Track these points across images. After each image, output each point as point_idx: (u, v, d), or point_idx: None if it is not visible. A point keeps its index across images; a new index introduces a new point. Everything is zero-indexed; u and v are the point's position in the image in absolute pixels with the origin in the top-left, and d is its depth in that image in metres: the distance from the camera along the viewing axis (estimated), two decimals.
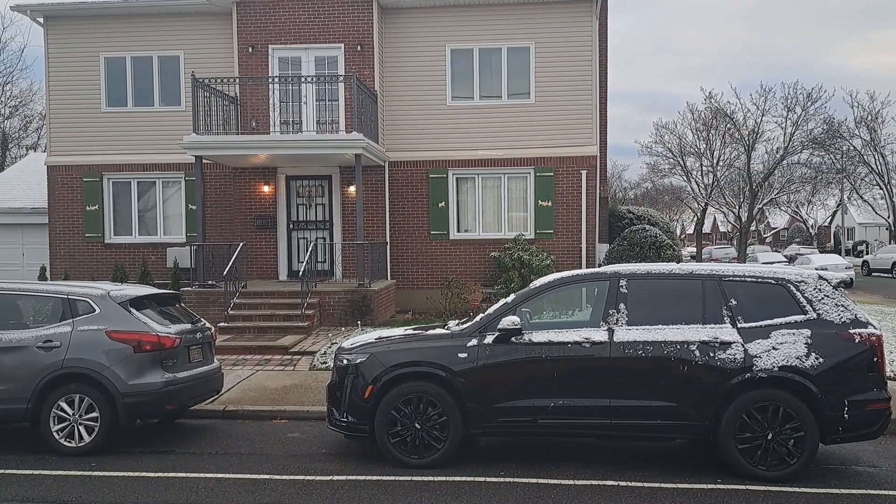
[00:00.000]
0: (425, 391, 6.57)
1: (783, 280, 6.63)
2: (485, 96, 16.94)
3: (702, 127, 48.36)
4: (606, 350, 6.46)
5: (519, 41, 16.80)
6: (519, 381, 6.54)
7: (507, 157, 16.82)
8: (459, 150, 16.86)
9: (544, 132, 16.73)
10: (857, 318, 6.45)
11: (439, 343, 6.77)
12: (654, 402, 6.41)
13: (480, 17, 16.82)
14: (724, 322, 6.48)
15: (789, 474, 6.19)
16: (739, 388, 6.29)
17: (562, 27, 16.73)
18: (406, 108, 16.91)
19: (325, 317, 14.07)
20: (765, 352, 6.30)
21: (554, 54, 16.72)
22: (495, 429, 6.62)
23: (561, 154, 16.72)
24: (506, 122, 16.83)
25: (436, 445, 6.53)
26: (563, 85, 16.70)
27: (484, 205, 17.15)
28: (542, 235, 16.76)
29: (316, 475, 6.32)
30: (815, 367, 6.24)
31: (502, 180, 17.06)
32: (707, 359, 6.34)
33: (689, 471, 6.50)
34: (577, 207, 16.73)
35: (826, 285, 6.60)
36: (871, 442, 7.70)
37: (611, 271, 6.91)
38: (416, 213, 16.97)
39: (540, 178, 16.82)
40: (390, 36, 16.87)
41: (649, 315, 6.59)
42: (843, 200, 59.32)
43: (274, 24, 16.43)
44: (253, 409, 8.96)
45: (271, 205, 16.66)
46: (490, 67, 16.92)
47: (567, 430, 6.62)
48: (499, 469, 6.49)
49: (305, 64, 16.55)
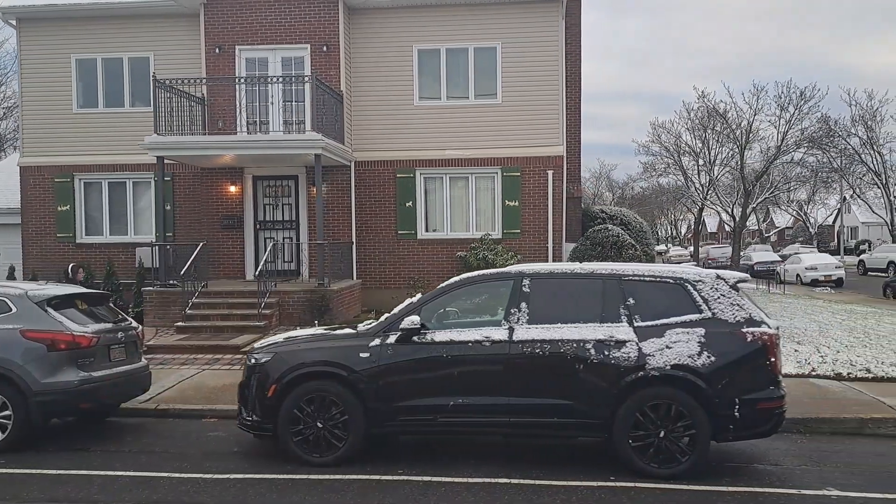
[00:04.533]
0: (327, 390, 6.64)
1: (681, 280, 6.66)
2: (452, 96, 16.99)
3: (698, 126, 48.28)
4: (506, 349, 6.51)
5: (486, 41, 16.83)
6: (420, 380, 6.60)
7: (475, 157, 16.87)
8: (427, 150, 16.91)
9: (511, 132, 16.76)
10: (751, 317, 6.47)
11: (343, 343, 6.84)
12: (552, 401, 6.46)
13: (447, 18, 16.87)
14: (621, 321, 6.52)
15: (681, 472, 6.23)
16: (633, 387, 6.33)
17: (528, 27, 16.75)
18: (373, 109, 16.97)
19: (285, 316, 14.16)
20: (658, 350, 6.34)
21: (521, 54, 16.74)
22: (397, 427, 6.68)
23: (528, 154, 16.75)
24: (473, 122, 16.87)
25: (337, 444, 6.61)
26: (530, 85, 16.72)
27: (452, 204, 17.19)
28: (510, 235, 16.80)
29: (214, 473, 6.40)
30: (706, 365, 6.27)
31: (470, 180, 17.10)
32: (602, 357, 6.39)
33: (586, 468, 6.54)
34: (543, 207, 16.76)
35: (723, 285, 6.62)
36: (786, 440, 7.77)
37: (515, 271, 6.97)
38: (383, 212, 17.03)
39: (507, 177, 16.85)
40: (358, 36, 16.95)
41: (550, 314, 6.64)
42: (843, 199, 58.95)
43: (241, 25, 16.54)
44: (186, 407, 9.05)
45: (238, 205, 16.77)
46: (457, 67, 16.97)
47: (467, 428, 6.67)
48: (399, 467, 6.55)
49: (272, 65, 16.65)
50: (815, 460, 7.03)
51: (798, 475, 6.54)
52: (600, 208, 20.38)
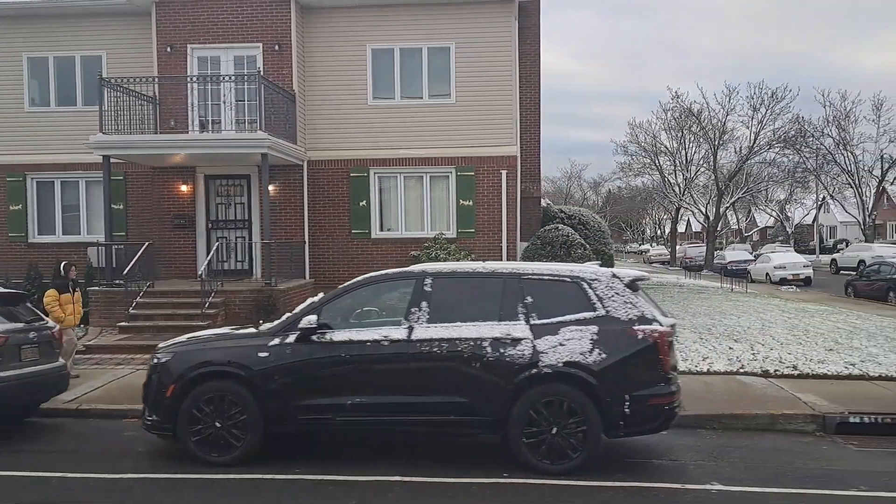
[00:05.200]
0: (226, 390, 6.65)
1: (578, 278, 6.72)
2: (406, 96, 17.01)
3: (674, 126, 48.56)
4: (405, 347, 6.55)
5: (440, 41, 16.87)
6: (319, 380, 6.62)
7: (429, 157, 16.90)
8: (381, 150, 16.93)
9: (465, 132, 16.81)
10: (643, 315, 6.54)
11: (243, 343, 6.85)
12: (449, 399, 6.50)
13: (401, 17, 16.89)
14: (518, 319, 6.57)
15: (572, 468, 6.28)
16: (527, 384, 6.38)
17: (482, 28, 16.80)
18: (327, 108, 16.97)
19: (231, 316, 14.12)
20: (552, 347, 6.40)
21: (474, 55, 16.79)
22: (296, 427, 6.70)
23: (481, 154, 16.80)
24: (427, 122, 16.90)
25: (235, 444, 6.61)
26: (484, 85, 16.77)
27: (406, 204, 17.22)
28: (464, 234, 16.85)
29: (108, 473, 6.40)
30: (598, 362, 6.33)
31: (424, 179, 17.13)
32: (498, 355, 6.44)
33: (483, 465, 6.58)
34: (497, 206, 16.81)
35: (618, 283, 6.69)
36: (697, 436, 7.86)
37: (418, 270, 7.01)
38: (337, 212, 17.04)
39: (461, 177, 16.90)
40: (312, 35, 16.93)
41: (451, 313, 6.68)
42: (819, 199, 59.44)
43: (193, 23, 16.48)
44: (109, 407, 9.02)
45: (190, 204, 16.72)
46: (411, 67, 16.99)
47: (366, 426, 6.70)
48: (297, 466, 6.57)
49: (225, 63, 16.61)
50: (715, 456, 7.12)
51: (690, 470, 6.61)
52: (560, 208, 20.48)
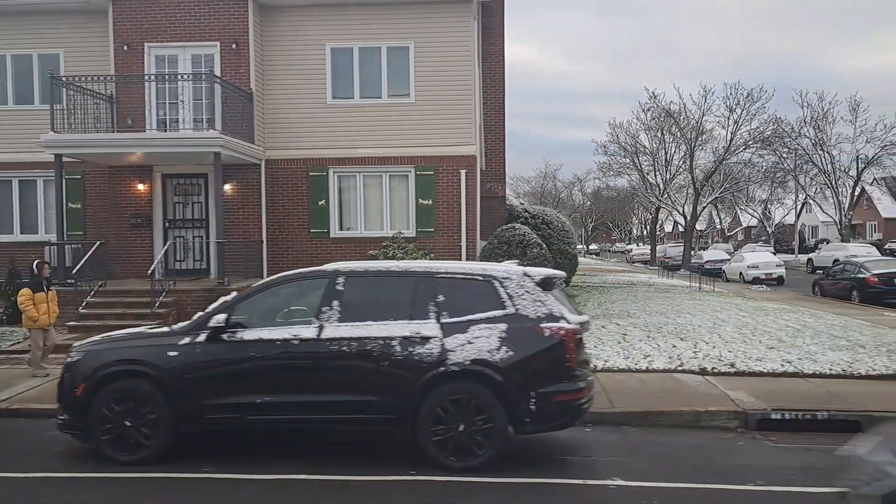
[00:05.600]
0: (136, 389, 6.64)
1: (490, 277, 6.76)
2: (365, 95, 17.01)
3: (653, 126, 48.79)
4: (314, 346, 6.56)
5: (399, 41, 16.88)
6: (228, 379, 6.62)
7: (388, 156, 16.91)
8: (340, 149, 16.92)
9: (424, 131, 16.83)
10: (551, 313, 6.59)
11: (154, 342, 6.85)
12: (359, 397, 6.52)
13: (360, 17, 16.89)
14: (429, 317, 6.60)
15: (478, 465, 6.31)
16: (435, 382, 6.41)
17: (441, 28, 16.83)
18: (286, 107, 16.95)
19: (183, 315, 13.98)
20: (460, 346, 6.43)
21: (433, 54, 16.81)
22: (206, 426, 6.70)
23: (440, 153, 16.83)
24: (386, 121, 16.91)
25: (145, 443, 6.60)
26: (443, 85, 16.79)
27: (366, 203, 17.23)
28: (423, 234, 16.87)
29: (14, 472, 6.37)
30: (504, 359, 6.37)
31: (383, 179, 17.15)
32: (407, 353, 6.46)
33: (393, 463, 6.59)
34: (456, 206, 16.84)
35: (529, 282, 6.73)
36: (622, 432, 7.92)
37: (331, 269, 7.02)
38: (296, 211, 17.02)
39: (420, 176, 16.92)
40: (270, 34, 16.90)
41: (362, 312, 6.70)
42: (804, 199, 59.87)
43: (150, 22, 16.42)
44: (40, 407, 8.95)
45: (147, 203, 16.66)
46: (370, 66, 17.00)
47: (276, 425, 6.71)
48: (206, 465, 6.56)
49: (182, 62, 16.56)
50: (630, 452, 7.17)
51: (599, 467, 6.67)
52: (524, 207, 20.54)
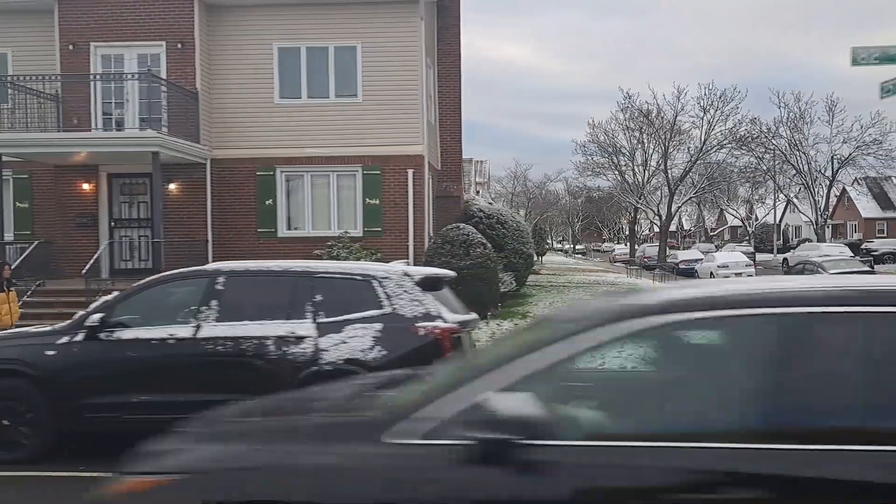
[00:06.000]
0: (14, 388, 6.63)
1: (369, 276, 6.78)
2: (313, 95, 17.02)
3: (631, 127, 48.95)
4: (190, 346, 6.57)
5: (346, 40, 16.90)
6: (105, 378, 6.62)
7: (335, 156, 16.91)
8: (288, 149, 16.91)
9: (372, 131, 16.83)
10: (428, 312, 6.61)
11: (34, 341, 6.84)
12: (235, 396, 6.49)
13: (308, 16, 16.91)
14: (306, 317, 6.61)
15: None
16: (308, 381, 6.40)
17: (388, 28, 16.86)
18: (234, 107, 16.92)
19: None
20: (334, 345, 6.45)
21: (381, 55, 16.83)
22: (84, 425, 6.69)
23: (388, 153, 16.83)
24: (334, 121, 16.91)
25: (24, 442, 6.59)
26: (390, 85, 16.82)
27: (314, 202, 17.24)
28: (371, 233, 16.89)
29: None
30: (377, 358, 6.38)
31: (331, 178, 17.16)
32: (281, 353, 6.47)
33: None
34: (404, 205, 16.87)
35: (408, 281, 6.76)
36: None
37: (212, 269, 7.04)
38: (244, 210, 17.00)
39: (367, 176, 16.94)
40: (217, 34, 16.88)
41: (241, 311, 6.71)
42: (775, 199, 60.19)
43: (96, 21, 16.37)
44: None
45: (93, 203, 16.62)
46: (318, 66, 17.00)
47: (152, 425, 6.68)
48: (83, 464, 6.55)
49: (128, 62, 16.52)
50: None
51: None
52: (479, 207, 20.57)
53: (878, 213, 72.91)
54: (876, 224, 71.95)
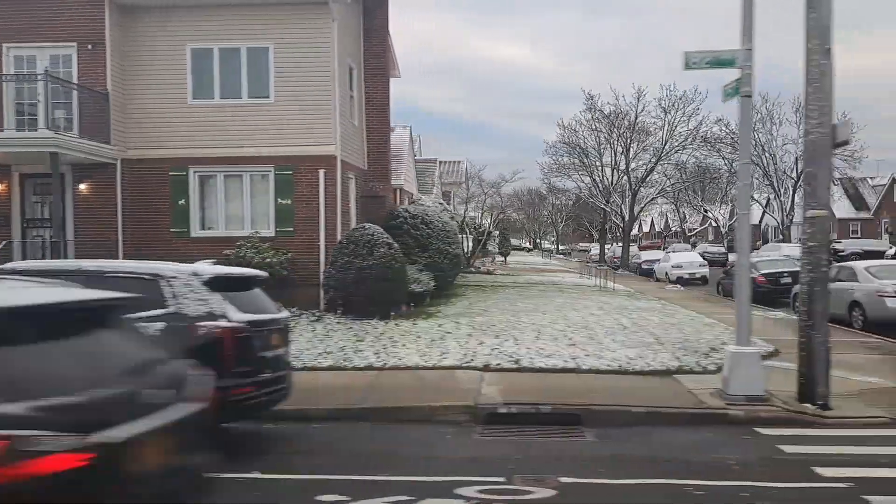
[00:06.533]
0: None
1: (157, 276, 6.97)
2: (226, 96, 17.16)
3: (596, 128, 49.15)
4: None
5: (258, 41, 17.04)
6: None
7: (248, 156, 17.06)
8: (201, 149, 17.05)
9: (284, 132, 17.00)
10: (211, 311, 6.79)
11: None
12: None
13: (220, 17, 17.06)
14: None
15: None
16: None
17: (300, 29, 17.02)
18: (147, 107, 17.07)
19: None
20: None
21: (293, 56, 16.99)
22: None
23: (300, 153, 16.99)
24: (246, 122, 17.07)
25: None
26: (303, 86, 16.97)
27: (227, 202, 17.39)
28: (283, 233, 17.04)
29: None
30: None
31: (244, 178, 17.31)
32: None
33: None
34: (315, 205, 17.03)
35: (195, 281, 6.94)
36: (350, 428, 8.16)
37: (8, 267, 7.20)
38: (157, 210, 17.13)
39: (280, 176, 17.09)
40: (130, 35, 17.01)
41: None
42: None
43: (8, 22, 16.48)
44: None
45: (6, 202, 16.73)
46: (231, 67, 17.13)
47: None
48: None
49: (40, 63, 16.61)
50: (327, 449, 7.40)
51: (270, 460, 6.89)
52: (405, 207, 20.75)
53: (853, 214, 73.31)
54: (850, 224, 72.32)
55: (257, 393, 6.96)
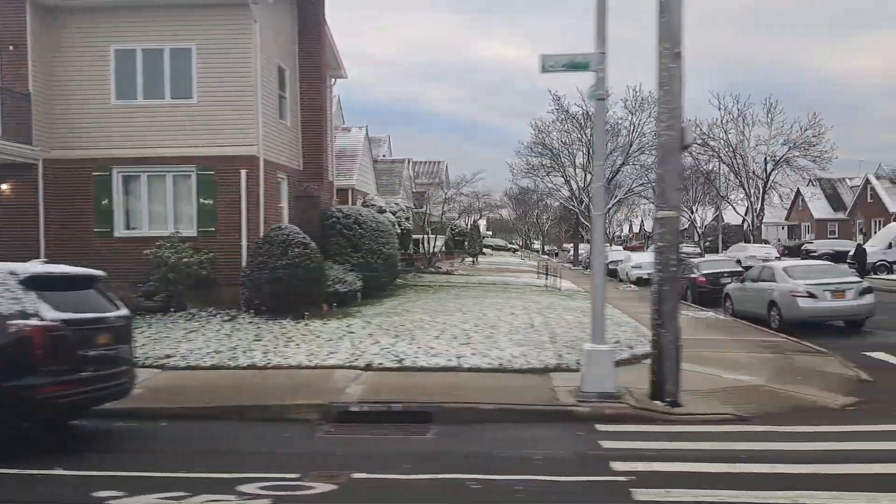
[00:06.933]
0: None
1: None
2: (149, 96, 17.24)
3: (566, 129, 49.33)
4: None
5: (181, 42, 17.13)
6: None
7: (171, 156, 17.13)
8: (124, 149, 17.12)
9: (206, 132, 17.10)
10: (24, 310, 6.88)
11: None
12: None
13: (143, 18, 17.14)
14: None
15: None
16: None
17: (222, 31, 17.12)
18: (71, 108, 17.14)
19: None
20: None
21: (216, 57, 17.08)
22: None
23: (222, 153, 17.06)
24: (170, 122, 17.16)
25: None
26: (225, 87, 17.07)
27: (151, 202, 17.49)
28: (205, 233, 17.12)
29: None
30: None
31: (167, 179, 17.40)
32: None
33: None
34: (238, 205, 17.11)
35: (12, 279, 7.03)
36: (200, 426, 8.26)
37: None
38: (80, 210, 17.19)
39: (202, 176, 17.18)
40: (54, 36, 17.07)
41: None
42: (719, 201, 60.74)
43: None
44: None
45: None
46: (154, 68, 17.22)
47: None
48: None
49: None
50: (159, 444, 7.51)
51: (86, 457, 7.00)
52: (338, 208, 20.83)
53: (830, 215, 73.67)
54: (828, 225, 72.69)
55: (76, 391, 7.05)
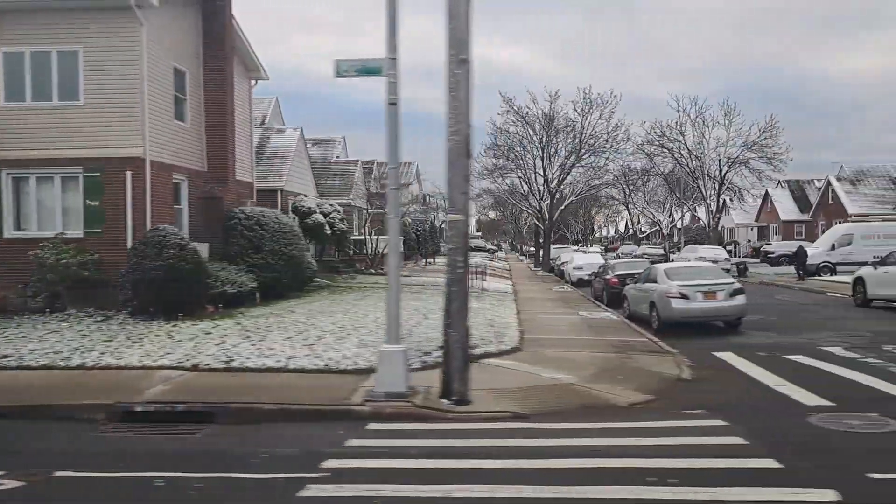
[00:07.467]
0: None
1: None
2: (37, 98, 17.38)
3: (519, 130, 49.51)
4: None
5: (68, 45, 17.25)
6: None
7: (59, 158, 17.25)
8: (13, 151, 17.24)
9: (93, 134, 17.21)
10: None
11: None
12: None
13: (31, 21, 17.27)
14: None
15: None
16: None
17: (108, 33, 17.26)
18: None
19: None
20: None
21: (102, 59, 17.22)
22: None
23: (108, 155, 17.18)
24: (57, 124, 17.28)
25: None
26: (111, 89, 17.22)
27: (39, 204, 17.61)
28: (92, 234, 17.24)
29: None
30: None
31: (55, 180, 17.52)
32: None
33: None
34: (123, 207, 17.23)
35: None
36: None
37: None
38: None
39: (89, 178, 17.29)
40: None
41: None
42: (682, 203, 61.19)
43: None
44: None
45: None
46: (42, 70, 17.35)
47: None
48: None
49: None
50: None
51: None
52: (241, 209, 20.93)
53: (797, 216, 74.12)
54: (794, 226, 73.09)
55: None
